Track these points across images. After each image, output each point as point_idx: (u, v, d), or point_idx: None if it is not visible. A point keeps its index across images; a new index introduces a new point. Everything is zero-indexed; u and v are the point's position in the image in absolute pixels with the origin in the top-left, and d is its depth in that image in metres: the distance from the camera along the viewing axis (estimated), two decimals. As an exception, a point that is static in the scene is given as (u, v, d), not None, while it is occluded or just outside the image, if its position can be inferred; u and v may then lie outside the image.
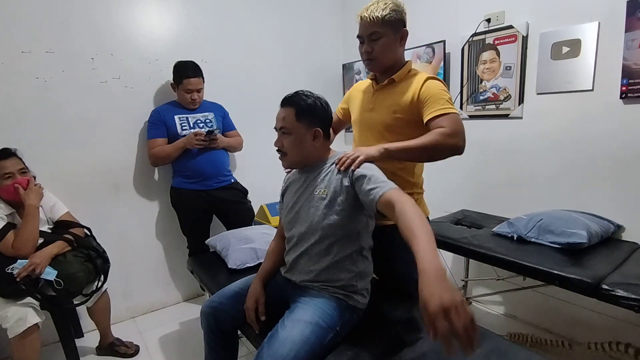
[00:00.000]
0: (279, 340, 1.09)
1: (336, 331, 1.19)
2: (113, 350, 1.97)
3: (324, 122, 1.28)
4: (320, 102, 1.28)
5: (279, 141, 1.29)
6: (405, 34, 1.39)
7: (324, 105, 1.28)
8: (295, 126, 1.24)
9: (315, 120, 1.25)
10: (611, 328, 1.78)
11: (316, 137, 1.25)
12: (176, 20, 2.36)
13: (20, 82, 1.94)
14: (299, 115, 1.23)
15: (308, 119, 1.24)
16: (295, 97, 1.26)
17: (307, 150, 1.27)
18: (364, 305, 1.29)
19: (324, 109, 1.28)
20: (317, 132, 1.25)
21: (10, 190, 1.66)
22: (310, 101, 1.25)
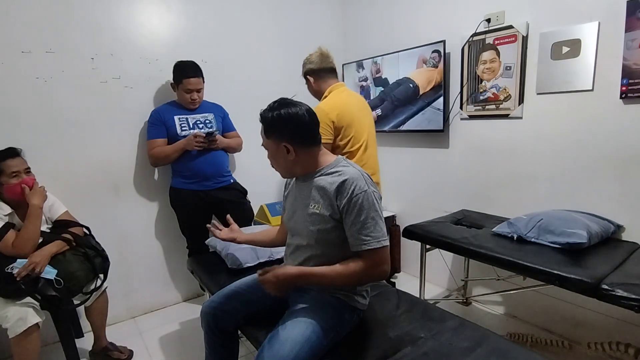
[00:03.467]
0: (279, 341, 1.09)
1: (336, 331, 1.19)
2: (106, 355, 1.95)
3: (297, 136, 1.18)
4: (286, 112, 1.16)
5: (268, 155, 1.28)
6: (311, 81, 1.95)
7: (289, 116, 1.16)
8: (267, 144, 1.23)
9: (282, 136, 1.18)
10: (611, 328, 1.78)
11: (289, 152, 1.18)
12: (176, 20, 2.36)
13: (20, 82, 1.94)
14: (266, 131, 1.21)
15: (274, 135, 1.19)
16: (264, 111, 1.21)
17: (287, 164, 1.22)
18: (364, 306, 1.29)
19: (290, 121, 1.17)
20: (286, 147, 1.18)
21: (17, 189, 1.66)
22: (275, 114, 1.17)
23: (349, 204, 1.13)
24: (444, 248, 1.89)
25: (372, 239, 1.11)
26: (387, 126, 2.76)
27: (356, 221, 1.12)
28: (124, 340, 2.09)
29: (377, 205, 1.14)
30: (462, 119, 2.33)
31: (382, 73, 2.71)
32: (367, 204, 1.12)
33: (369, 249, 1.11)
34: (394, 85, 2.65)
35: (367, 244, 1.11)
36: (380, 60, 2.71)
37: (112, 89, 2.19)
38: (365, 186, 1.13)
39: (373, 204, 1.13)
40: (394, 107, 2.68)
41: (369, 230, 1.12)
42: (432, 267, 2.54)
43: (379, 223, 1.13)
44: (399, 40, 2.60)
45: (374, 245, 1.11)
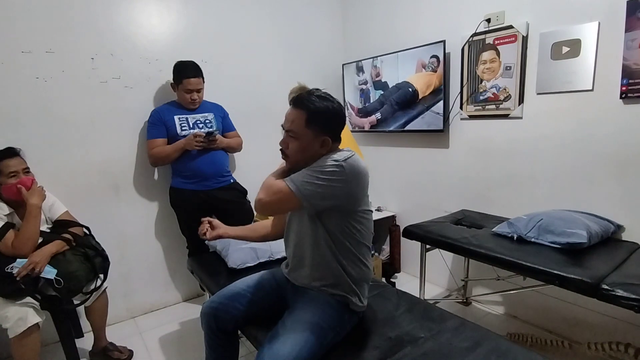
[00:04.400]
0: (279, 341, 1.09)
1: (336, 331, 1.19)
2: (106, 355, 1.95)
3: (336, 129, 1.20)
4: (334, 106, 1.18)
5: (284, 142, 1.21)
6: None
7: (337, 110, 1.19)
8: (303, 132, 1.16)
9: (326, 128, 1.17)
10: (611, 328, 1.78)
11: (324, 145, 1.18)
12: (176, 20, 2.36)
13: (20, 82, 1.94)
14: (310, 120, 1.15)
15: (318, 126, 1.15)
16: (309, 99, 1.16)
17: (312, 156, 1.19)
18: (362, 308, 1.29)
19: (337, 115, 1.19)
20: (326, 140, 1.18)
21: (14, 190, 1.66)
22: (324, 105, 1.16)
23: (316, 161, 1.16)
24: (444, 248, 1.89)
25: (293, 177, 1.13)
26: (386, 129, 2.77)
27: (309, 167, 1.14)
28: (124, 340, 2.09)
29: (333, 180, 1.11)
30: (462, 119, 2.33)
31: (382, 76, 2.72)
32: (325, 166, 1.11)
33: (285, 179, 1.14)
34: (394, 89, 2.65)
35: (289, 178, 1.14)
36: (379, 64, 2.71)
37: (112, 89, 2.19)
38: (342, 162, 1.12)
39: (330, 173, 1.10)
40: (394, 111, 2.68)
41: (301, 174, 1.13)
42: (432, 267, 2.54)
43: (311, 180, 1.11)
44: (399, 40, 2.60)
45: (288, 181, 1.12)
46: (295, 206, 1.15)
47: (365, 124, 2.91)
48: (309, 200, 1.12)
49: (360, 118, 2.95)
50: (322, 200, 1.13)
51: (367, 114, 2.88)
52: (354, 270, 1.25)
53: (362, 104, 2.92)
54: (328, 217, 1.19)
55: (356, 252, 1.25)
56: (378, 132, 2.88)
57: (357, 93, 2.93)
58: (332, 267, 1.23)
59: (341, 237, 1.21)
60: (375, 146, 2.97)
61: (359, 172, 1.15)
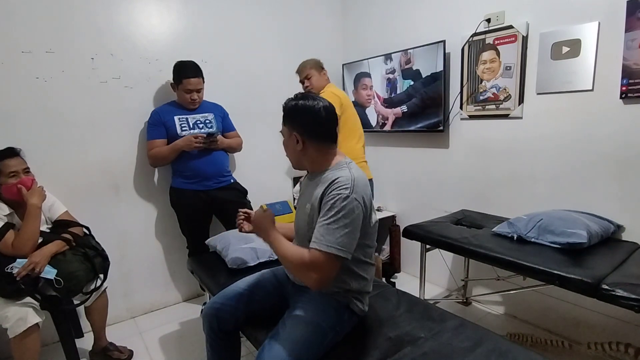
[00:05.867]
0: (279, 341, 1.10)
1: (336, 331, 1.19)
2: (106, 355, 1.95)
3: (309, 129, 1.18)
4: (310, 104, 1.17)
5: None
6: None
7: (311, 108, 1.16)
8: (283, 129, 1.25)
9: (295, 126, 1.19)
10: (611, 328, 1.78)
11: (298, 142, 1.18)
12: (176, 20, 2.36)
13: (20, 82, 1.93)
14: (285, 118, 1.22)
15: (289, 124, 1.21)
16: (287, 100, 1.23)
17: (295, 154, 1.22)
18: (362, 312, 1.28)
19: (309, 112, 1.16)
20: (296, 137, 1.18)
21: (14, 190, 1.66)
22: (293, 104, 1.19)
23: (327, 202, 1.10)
24: (444, 248, 1.89)
25: (323, 240, 1.07)
26: (412, 126, 2.56)
27: (323, 218, 1.09)
28: (124, 340, 2.09)
29: (354, 217, 1.08)
30: (462, 119, 2.33)
31: (413, 64, 2.41)
32: (341, 208, 1.07)
33: (314, 248, 1.08)
34: (429, 80, 2.37)
35: (317, 242, 1.08)
36: (411, 51, 2.46)
37: (112, 89, 2.19)
38: (350, 192, 1.08)
39: (349, 212, 1.07)
40: (425, 107, 2.43)
41: (327, 231, 1.07)
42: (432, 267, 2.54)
43: (340, 232, 1.06)
44: (399, 40, 2.60)
45: (321, 248, 1.06)
46: (343, 262, 1.11)
47: (390, 115, 2.72)
48: (351, 250, 1.10)
49: (385, 108, 2.75)
50: (355, 239, 1.11)
51: (393, 105, 2.67)
52: (353, 284, 1.23)
53: (388, 94, 2.71)
54: None
55: (354, 268, 1.22)
56: (378, 132, 2.87)
57: (384, 82, 2.73)
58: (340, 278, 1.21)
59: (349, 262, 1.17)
60: (375, 146, 2.97)
61: (363, 186, 1.14)
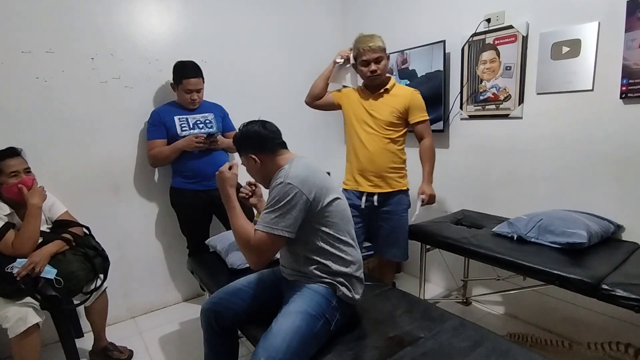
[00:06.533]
0: (272, 334, 1.14)
1: (325, 318, 1.21)
2: (106, 355, 1.95)
3: (255, 146, 1.33)
4: (243, 129, 1.35)
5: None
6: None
7: (245, 133, 1.34)
8: (241, 159, 1.39)
9: (246, 149, 1.34)
10: (611, 328, 1.78)
11: (256, 161, 1.32)
12: (176, 20, 2.36)
13: (20, 82, 1.93)
14: (239, 148, 1.38)
15: (242, 151, 1.36)
16: (235, 135, 1.39)
17: (259, 173, 1.36)
18: (353, 301, 1.30)
19: (247, 136, 1.34)
20: (252, 158, 1.33)
21: (14, 190, 1.66)
22: (239, 135, 1.36)
23: (269, 195, 1.24)
24: (444, 248, 1.89)
25: (262, 222, 1.19)
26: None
27: (265, 207, 1.23)
28: (124, 340, 2.09)
29: (289, 199, 1.17)
30: (462, 119, 2.33)
31: (410, 64, 2.48)
32: (276, 194, 1.19)
33: (257, 229, 1.20)
34: (423, 80, 2.42)
35: (259, 225, 1.20)
36: (408, 51, 2.50)
37: (112, 89, 2.19)
38: (284, 179, 1.19)
39: (283, 195, 1.17)
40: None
41: (266, 215, 1.20)
42: (432, 267, 2.54)
43: (277, 212, 1.18)
44: (399, 40, 2.59)
45: (261, 228, 1.19)
46: (282, 243, 1.23)
47: None
48: (289, 231, 1.19)
49: None
50: (296, 222, 1.19)
51: None
52: (333, 265, 1.27)
53: None
54: (300, 229, 1.23)
55: (332, 250, 1.27)
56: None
57: None
58: (310, 264, 1.27)
59: (314, 240, 1.26)
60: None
61: (304, 177, 1.21)
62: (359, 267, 1.34)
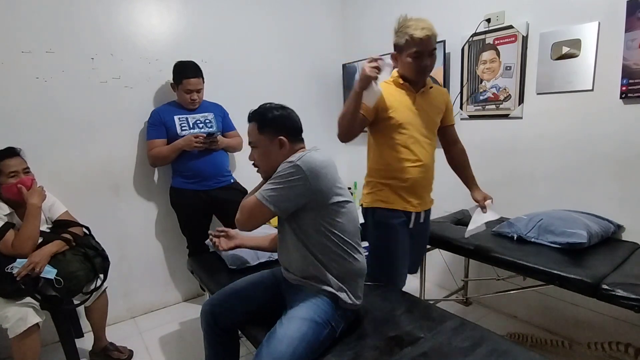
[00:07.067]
0: (277, 338, 1.12)
1: (331, 326, 1.20)
2: (106, 355, 1.95)
3: (289, 130, 1.29)
4: (282, 111, 1.30)
5: (251, 155, 1.34)
6: None
7: (285, 114, 1.30)
8: (259, 139, 1.29)
9: (278, 130, 1.27)
10: (611, 328, 1.78)
11: (282, 145, 1.27)
12: (176, 20, 2.36)
13: (20, 82, 1.93)
14: (261, 128, 1.28)
15: (270, 130, 1.27)
16: (256, 111, 1.31)
17: (277, 159, 1.27)
18: (353, 306, 1.28)
19: (286, 118, 1.30)
20: (282, 140, 1.27)
21: (13, 190, 1.66)
22: (270, 113, 1.29)
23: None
24: (444, 248, 1.89)
25: (260, 191, 1.21)
26: None
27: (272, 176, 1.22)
28: (124, 340, 2.09)
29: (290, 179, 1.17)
30: (462, 119, 2.33)
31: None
32: (281, 170, 1.19)
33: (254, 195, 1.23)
34: None
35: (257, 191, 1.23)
36: None
37: (112, 89, 2.19)
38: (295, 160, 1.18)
39: (287, 175, 1.17)
40: None
41: (265, 186, 1.21)
42: (432, 267, 2.54)
43: (273, 186, 1.19)
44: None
45: (256, 194, 1.21)
46: (268, 215, 1.22)
47: None
48: (276, 206, 1.19)
49: None
50: (287, 202, 1.19)
51: None
52: (335, 268, 1.25)
53: None
54: (302, 218, 1.23)
55: (335, 249, 1.24)
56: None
57: None
58: (313, 265, 1.25)
59: (317, 236, 1.23)
60: (375, 146, 2.97)
61: (315, 166, 1.18)
62: (363, 274, 1.33)
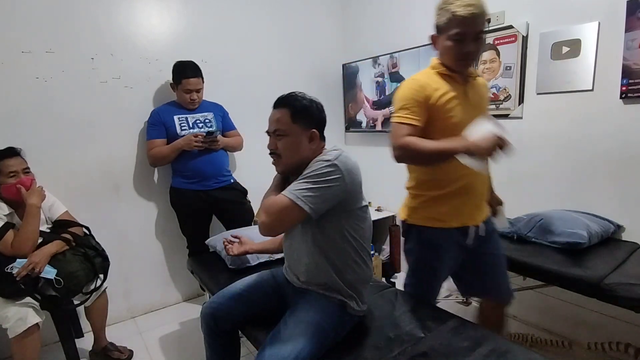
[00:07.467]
0: (281, 340, 1.10)
1: (336, 332, 1.19)
2: (106, 355, 1.95)
3: (320, 124, 1.24)
4: (316, 103, 1.24)
5: (272, 143, 1.23)
6: None
7: (319, 107, 1.25)
8: (291, 128, 1.19)
9: (312, 122, 1.21)
10: (611, 328, 1.78)
11: (313, 139, 1.21)
12: (176, 20, 2.36)
13: (20, 82, 1.94)
14: (295, 116, 1.19)
15: (304, 120, 1.20)
16: (290, 98, 1.22)
17: (304, 152, 1.21)
18: (361, 312, 1.28)
19: (320, 111, 1.25)
20: (314, 133, 1.21)
21: (13, 190, 1.66)
22: (306, 102, 1.21)
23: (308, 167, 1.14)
24: (444, 248, 1.88)
25: (290, 189, 1.11)
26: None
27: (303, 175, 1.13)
28: (124, 340, 2.09)
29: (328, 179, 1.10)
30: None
31: (399, 68, 2.58)
32: (318, 169, 1.11)
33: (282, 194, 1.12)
34: None
35: (286, 190, 1.12)
36: (397, 55, 2.58)
37: (112, 89, 2.19)
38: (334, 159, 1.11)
39: (325, 174, 1.10)
40: None
41: (297, 184, 1.11)
42: (432, 267, 2.53)
43: (308, 185, 1.09)
44: (399, 40, 2.59)
45: (285, 193, 1.11)
46: (300, 217, 1.12)
47: (379, 117, 2.83)
48: (312, 208, 1.09)
49: (374, 111, 2.87)
50: (323, 203, 1.11)
51: (382, 106, 2.80)
52: (350, 275, 1.23)
53: (377, 97, 2.82)
54: (328, 221, 1.17)
55: (354, 256, 1.23)
56: (378, 132, 2.87)
57: (373, 85, 2.83)
58: (325, 272, 1.22)
59: (340, 241, 1.20)
60: (375, 146, 2.97)
61: (352, 167, 1.15)
62: (371, 280, 1.33)
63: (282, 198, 1.10)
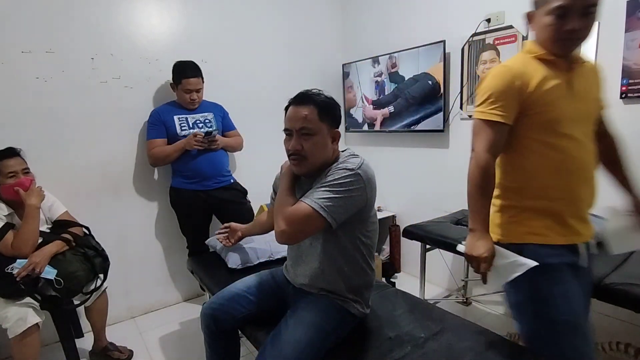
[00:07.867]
0: (282, 341, 1.09)
1: (337, 333, 1.19)
2: (106, 355, 1.95)
3: (339, 124, 1.21)
4: (334, 102, 1.20)
5: (297, 143, 1.12)
6: None
7: (338, 106, 1.21)
8: (319, 126, 1.12)
9: (336, 120, 1.17)
10: (611, 328, 1.78)
11: (335, 139, 1.17)
12: (176, 20, 2.36)
13: (20, 82, 1.93)
14: (322, 113, 1.12)
15: (330, 119, 1.14)
16: (314, 94, 1.15)
17: (328, 153, 1.15)
18: (361, 314, 1.28)
19: (339, 110, 1.21)
20: (337, 133, 1.17)
21: (12, 190, 1.66)
22: (329, 99, 1.16)
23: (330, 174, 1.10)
24: (444, 248, 1.89)
25: (311, 196, 1.07)
26: (398, 125, 2.67)
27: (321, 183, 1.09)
28: (124, 340, 2.09)
29: (351, 189, 1.07)
30: (462, 119, 2.33)
31: (398, 68, 2.60)
32: (341, 177, 1.07)
33: (301, 200, 1.08)
34: (410, 82, 2.53)
35: (305, 197, 1.08)
36: (397, 55, 2.59)
37: (112, 89, 2.19)
38: (357, 168, 1.08)
39: (347, 183, 1.06)
40: (409, 105, 2.57)
41: (318, 192, 1.07)
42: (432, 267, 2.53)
43: (330, 194, 1.05)
44: (399, 40, 2.60)
45: (305, 201, 1.07)
46: (321, 227, 1.08)
47: (378, 116, 2.83)
48: (334, 218, 1.06)
49: (373, 110, 2.88)
50: (345, 214, 1.08)
51: (381, 106, 2.80)
52: (356, 280, 1.23)
53: (377, 96, 2.83)
54: (344, 230, 1.15)
55: (362, 262, 1.23)
56: (378, 132, 2.87)
57: (372, 85, 2.84)
58: (333, 279, 1.21)
59: (351, 250, 1.19)
60: (375, 146, 2.97)
61: (371, 176, 1.13)
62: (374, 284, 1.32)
63: (305, 207, 1.05)
